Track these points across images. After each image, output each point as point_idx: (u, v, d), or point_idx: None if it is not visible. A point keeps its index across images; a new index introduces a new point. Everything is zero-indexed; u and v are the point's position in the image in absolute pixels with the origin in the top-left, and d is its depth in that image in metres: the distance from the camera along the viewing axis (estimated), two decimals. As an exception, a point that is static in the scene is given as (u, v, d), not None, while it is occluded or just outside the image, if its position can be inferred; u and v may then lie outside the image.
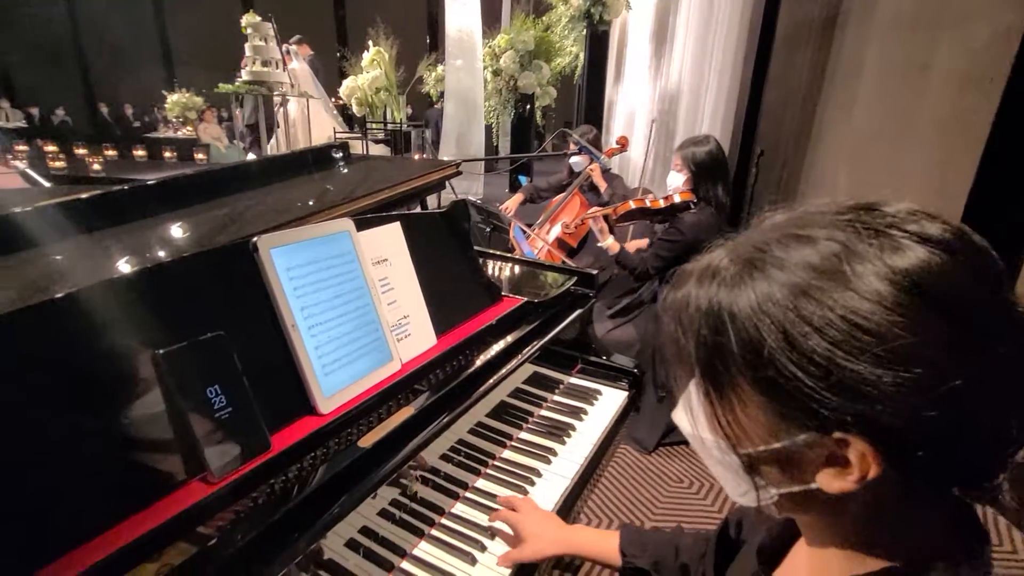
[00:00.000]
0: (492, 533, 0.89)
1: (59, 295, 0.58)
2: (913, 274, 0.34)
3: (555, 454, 1.09)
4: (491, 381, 0.98)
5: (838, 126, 3.08)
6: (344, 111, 6.98)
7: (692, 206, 2.02)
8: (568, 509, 0.98)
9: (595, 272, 1.41)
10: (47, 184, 1.90)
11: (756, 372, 0.38)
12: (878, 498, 0.38)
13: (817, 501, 0.40)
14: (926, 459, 0.35)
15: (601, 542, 0.85)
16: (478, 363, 0.98)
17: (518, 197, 3.27)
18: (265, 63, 4.32)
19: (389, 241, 0.95)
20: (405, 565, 0.82)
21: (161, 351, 0.61)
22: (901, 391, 0.33)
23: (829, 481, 0.38)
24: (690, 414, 0.45)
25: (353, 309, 0.84)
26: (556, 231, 2.98)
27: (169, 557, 0.55)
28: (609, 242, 2.10)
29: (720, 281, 0.40)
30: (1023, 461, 0.36)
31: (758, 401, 0.39)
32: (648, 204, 2.04)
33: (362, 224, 0.91)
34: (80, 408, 0.57)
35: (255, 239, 0.73)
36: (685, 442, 2.50)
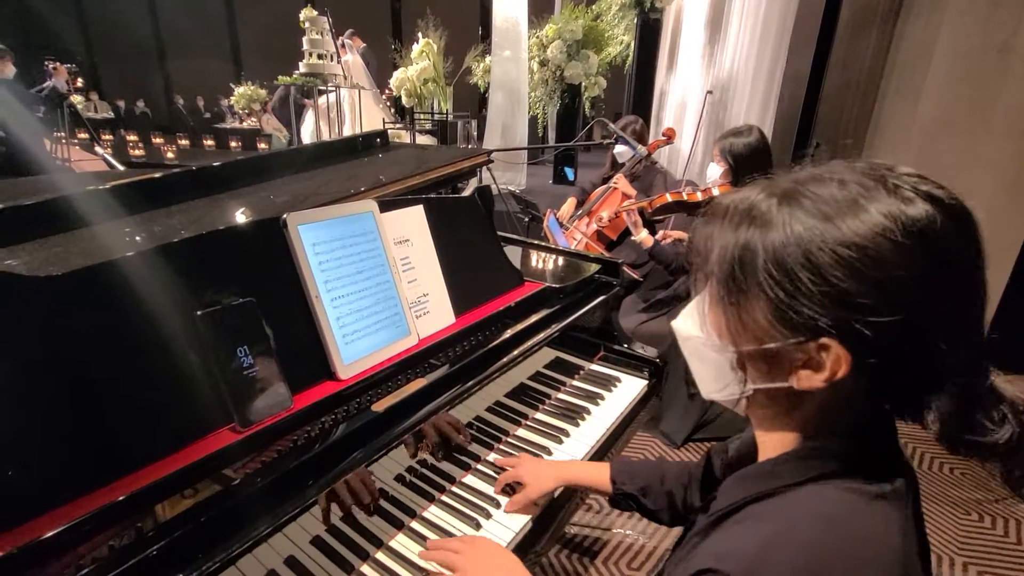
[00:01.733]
0: (498, 503, 0.93)
1: (115, 258, 0.66)
2: (919, 223, 0.42)
3: (567, 435, 1.12)
4: (504, 360, 1.02)
5: (903, 116, 2.88)
6: (397, 102, 7.17)
7: (731, 199, 1.97)
8: (574, 489, 1.01)
9: (620, 261, 1.42)
10: (122, 169, 2.09)
11: (773, 283, 0.45)
12: (831, 399, 0.47)
13: (783, 396, 0.50)
14: (880, 367, 0.43)
15: (594, 473, 0.92)
16: (493, 342, 1.02)
17: (571, 201, 3.20)
18: (320, 56, 4.51)
19: (411, 223, 1.00)
20: (414, 524, 0.88)
21: (199, 312, 0.69)
22: (879, 310, 0.42)
23: (803, 380, 0.47)
24: (700, 316, 0.54)
25: (374, 285, 0.89)
26: (595, 224, 2.97)
27: (198, 492, 0.63)
28: (643, 236, 2.07)
29: (756, 212, 0.48)
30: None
31: (765, 308, 0.47)
32: (685, 197, 2.00)
33: (386, 206, 0.96)
34: (127, 358, 0.65)
35: (284, 216, 0.80)
36: (714, 439, 2.46)
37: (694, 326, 0.56)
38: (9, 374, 0.57)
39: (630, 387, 1.31)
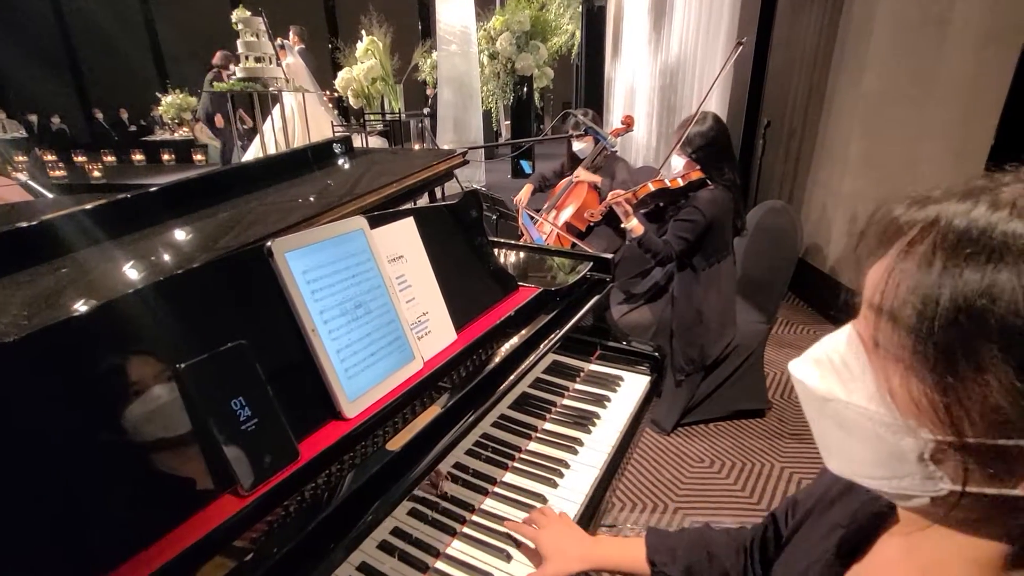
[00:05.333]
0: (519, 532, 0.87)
1: (76, 313, 0.56)
2: None
3: (581, 444, 1.08)
4: (515, 374, 0.96)
5: (849, 90, 2.99)
6: (339, 103, 6.88)
7: (708, 183, 1.98)
8: (599, 499, 0.97)
9: (610, 256, 1.38)
10: (50, 196, 1.88)
11: None
12: None
13: (996, 501, 0.34)
14: None
15: (627, 552, 0.79)
16: (500, 357, 0.96)
17: (528, 187, 3.24)
18: (258, 59, 4.24)
19: (404, 237, 0.92)
20: (440, 565, 0.81)
21: (182, 365, 0.60)
22: None
23: None
24: (858, 372, 0.39)
25: (372, 309, 0.82)
26: (565, 215, 2.95)
27: (207, 574, 0.54)
28: (633, 224, 2.01)
29: (988, 241, 0.33)
30: None
31: (1009, 387, 0.31)
32: (668, 184, 1.99)
33: (375, 221, 0.88)
34: (104, 428, 0.55)
35: (269, 243, 0.71)
36: (702, 422, 2.47)
37: (838, 385, 0.39)
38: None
39: (634, 385, 1.28)
